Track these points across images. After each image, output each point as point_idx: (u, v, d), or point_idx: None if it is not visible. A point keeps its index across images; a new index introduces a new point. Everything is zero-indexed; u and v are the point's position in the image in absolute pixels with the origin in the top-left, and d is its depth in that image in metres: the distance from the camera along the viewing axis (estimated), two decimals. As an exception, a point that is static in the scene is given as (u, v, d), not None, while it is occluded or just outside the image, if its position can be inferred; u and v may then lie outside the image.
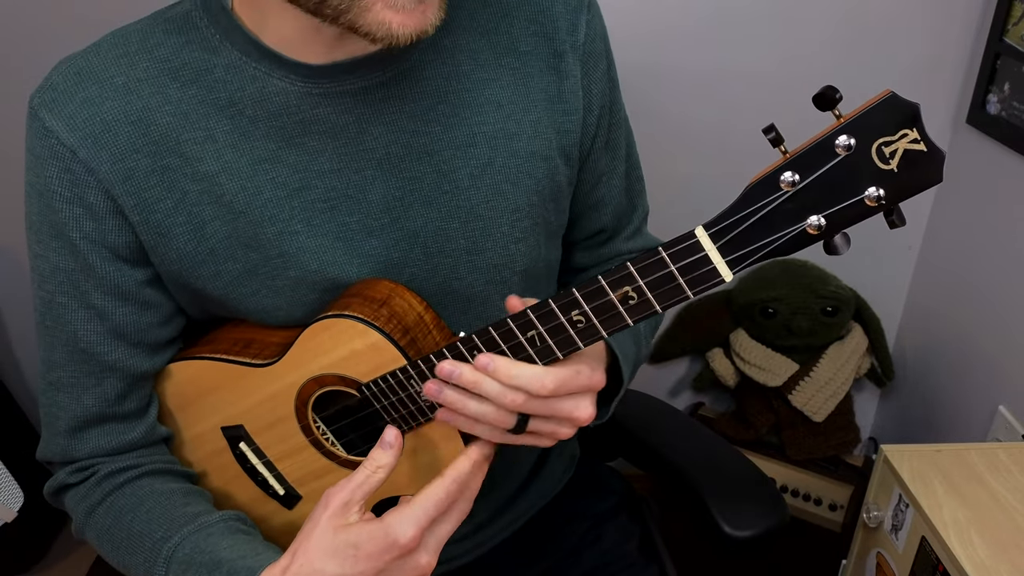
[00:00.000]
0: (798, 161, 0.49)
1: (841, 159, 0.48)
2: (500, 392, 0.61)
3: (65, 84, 0.67)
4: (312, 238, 0.70)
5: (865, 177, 0.48)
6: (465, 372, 0.62)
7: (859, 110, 0.48)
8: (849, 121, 0.48)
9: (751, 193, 0.51)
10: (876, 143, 0.48)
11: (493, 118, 0.72)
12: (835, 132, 0.48)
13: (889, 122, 0.47)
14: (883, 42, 1.40)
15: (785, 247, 0.51)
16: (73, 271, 0.70)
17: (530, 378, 0.61)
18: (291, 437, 0.76)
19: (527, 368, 0.61)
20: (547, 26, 0.73)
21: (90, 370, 0.73)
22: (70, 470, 0.76)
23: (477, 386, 0.62)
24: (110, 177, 0.66)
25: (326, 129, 0.68)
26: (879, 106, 0.47)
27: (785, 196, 0.50)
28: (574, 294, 0.57)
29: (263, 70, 0.66)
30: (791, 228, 0.51)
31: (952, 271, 1.50)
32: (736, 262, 0.53)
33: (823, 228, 0.50)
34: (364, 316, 0.67)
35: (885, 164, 0.48)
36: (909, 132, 0.47)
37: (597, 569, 0.93)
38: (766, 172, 0.50)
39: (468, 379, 0.62)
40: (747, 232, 0.51)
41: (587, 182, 0.82)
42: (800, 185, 0.49)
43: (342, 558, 0.62)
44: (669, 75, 1.44)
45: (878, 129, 0.47)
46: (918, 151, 0.47)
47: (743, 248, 0.52)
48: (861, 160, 0.48)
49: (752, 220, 0.51)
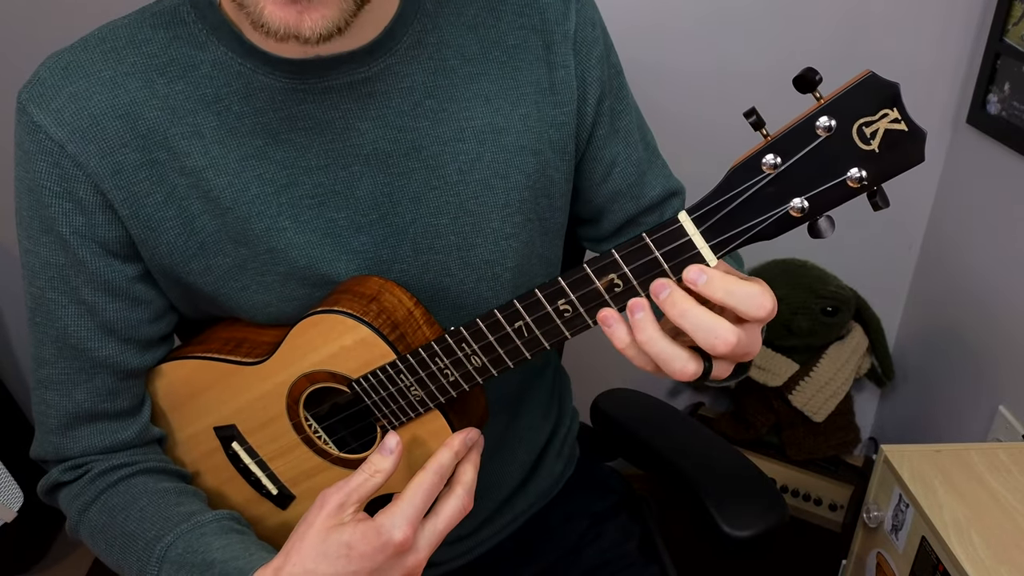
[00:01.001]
0: (779, 143, 0.49)
1: (822, 140, 0.48)
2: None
3: (53, 79, 0.67)
4: (300, 234, 0.70)
5: (847, 158, 0.48)
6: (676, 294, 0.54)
7: (839, 91, 0.48)
8: (829, 102, 0.48)
9: (733, 176, 0.51)
10: (857, 124, 0.47)
11: (481, 112, 0.72)
12: (815, 113, 0.48)
13: (869, 102, 0.47)
14: (883, 42, 1.41)
15: (769, 230, 0.51)
16: (63, 266, 0.70)
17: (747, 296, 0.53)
18: (283, 436, 0.76)
19: (743, 285, 0.53)
20: (535, 18, 0.73)
21: (80, 366, 0.73)
22: (63, 468, 0.76)
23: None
24: (99, 171, 0.67)
25: (312, 125, 0.68)
26: (859, 86, 0.47)
27: (767, 179, 0.50)
28: (560, 283, 0.57)
29: (248, 66, 0.67)
30: (774, 211, 0.50)
31: (952, 271, 1.49)
32: (720, 246, 0.52)
33: (806, 210, 0.50)
34: (353, 311, 0.67)
35: (866, 145, 0.48)
36: (889, 112, 0.47)
37: (598, 568, 0.92)
38: (747, 155, 0.50)
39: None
40: (730, 216, 0.51)
41: (598, 172, 0.80)
42: (782, 167, 0.49)
43: (335, 558, 0.62)
44: (668, 74, 1.44)
45: (858, 110, 0.47)
46: (899, 131, 0.47)
47: (727, 232, 0.52)
48: (842, 141, 0.48)
49: (735, 204, 0.51)
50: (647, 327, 0.55)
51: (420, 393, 0.67)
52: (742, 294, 0.52)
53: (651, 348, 0.55)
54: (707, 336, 0.53)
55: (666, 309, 0.54)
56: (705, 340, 0.53)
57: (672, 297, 0.53)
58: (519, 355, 0.62)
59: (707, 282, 0.53)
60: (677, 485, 0.96)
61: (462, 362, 0.64)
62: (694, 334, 0.53)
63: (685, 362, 0.55)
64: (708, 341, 0.53)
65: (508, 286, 0.77)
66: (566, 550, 0.94)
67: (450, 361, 0.64)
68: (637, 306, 0.55)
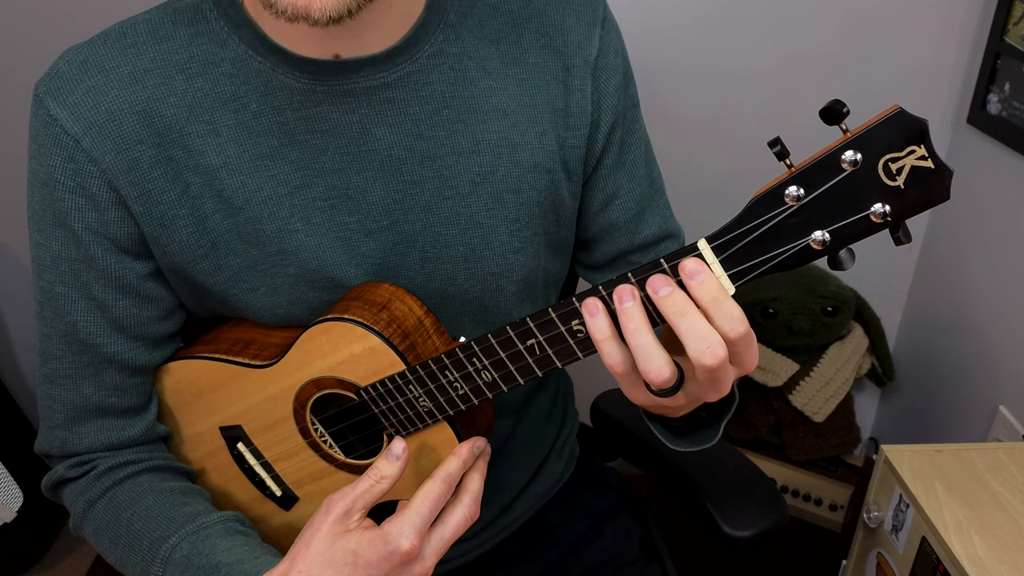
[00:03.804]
0: (803, 175, 0.49)
1: (847, 174, 0.48)
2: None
3: (71, 72, 0.66)
4: (311, 236, 0.69)
5: (871, 193, 0.48)
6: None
7: (866, 125, 0.47)
8: (856, 136, 0.47)
9: (755, 207, 0.50)
10: (883, 159, 0.47)
11: (498, 126, 0.71)
12: (842, 147, 0.47)
13: (897, 138, 0.46)
14: (883, 42, 1.40)
15: (788, 262, 0.51)
16: (74, 261, 0.69)
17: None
18: (289, 439, 0.76)
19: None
20: (557, 39, 0.72)
21: (88, 361, 0.73)
22: (69, 464, 0.76)
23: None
24: (113, 167, 0.66)
25: (329, 128, 0.68)
26: (887, 121, 0.46)
27: (790, 211, 0.49)
28: (574, 303, 0.57)
29: (268, 65, 0.66)
30: (795, 243, 0.50)
31: (952, 271, 1.49)
32: (738, 276, 0.52)
33: (827, 243, 0.49)
34: (363, 320, 0.67)
35: (892, 180, 0.47)
36: (917, 149, 0.46)
37: (599, 566, 0.93)
38: (771, 186, 0.50)
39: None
40: (750, 246, 0.51)
41: (597, 201, 0.80)
42: (805, 200, 0.49)
43: (341, 565, 0.62)
44: (669, 73, 1.43)
45: (886, 145, 0.47)
46: (925, 168, 0.47)
47: (746, 262, 0.52)
48: (867, 176, 0.47)
49: (755, 234, 0.50)
50: (636, 315, 0.54)
51: (429, 404, 0.67)
52: (727, 309, 0.51)
53: (637, 339, 0.54)
54: (699, 343, 0.52)
55: (665, 306, 0.53)
56: (696, 347, 0.52)
57: (674, 296, 0.52)
58: (530, 372, 0.62)
59: (703, 281, 0.52)
60: (677, 485, 0.96)
61: (472, 376, 0.64)
62: (686, 336, 0.52)
63: (664, 363, 0.53)
64: (698, 348, 0.52)
65: (513, 298, 0.77)
66: (567, 549, 0.94)
67: (460, 375, 0.64)
68: (626, 294, 0.54)
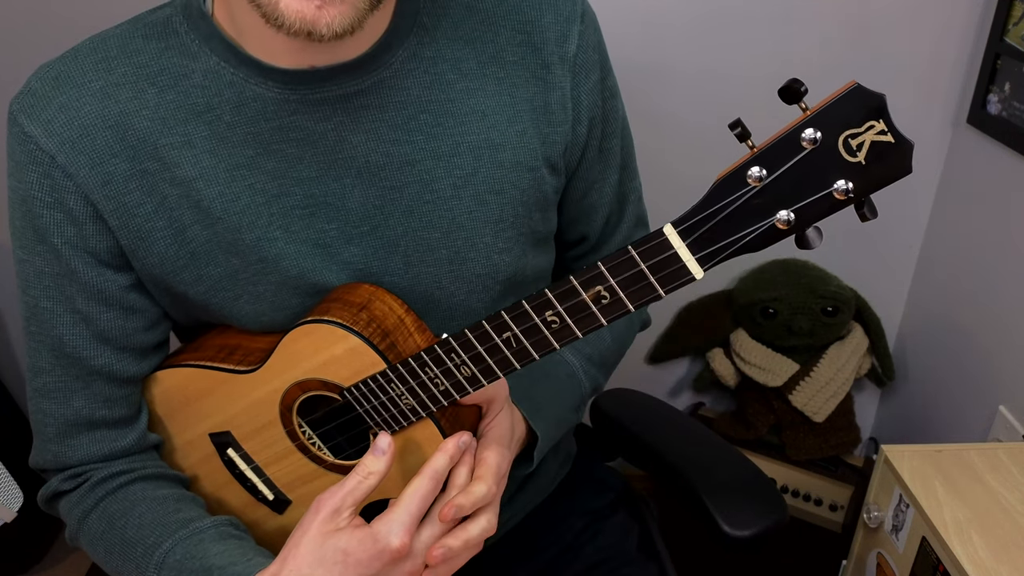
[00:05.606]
0: (765, 156, 0.49)
1: (808, 152, 0.48)
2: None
3: (43, 89, 0.67)
4: (290, 244, 0.70)
5: (833, 170, 0.48)
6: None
7: (824, 102, 0.47)
8: (815, 114, 0.47)
9: (718, 189, 0.50)
10: (843, 135, 0.47)
11: (477, 128, 0.71)
12: (801, 125, 0.48)
13: (855, 114, 0.47)
14: (883, 42, 1.40)
15: (755, 243, 0.51)
16: (57, 276, 0.70)
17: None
18: (277, 442, 0.76)
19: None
20: (534, 36, 0.72)
21: (77, 374, 0.73)
22: (63, 477, 0.76)
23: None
24: (89, 182, 0.67)
25: (304, 136, 0.68)
26: (844, 97, 0.47)
27: (753, 191, 0.50)
28: (547, 294, 0.57)
29: (240, 76, 0.67)
30: (760, 223, 0.50)
31: (952, 271, 1.49)
32: (706, 259, 0.52)
33: (792, 223, 0.50)
34: (343, 321, 0.67)
35: (852, 156, 0.47)
36: (876, 124, 0.47)
37: (597, 565, 0.92)
38: (733, 168, 0.50)
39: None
40: (716, 229, 0.51)
41: (577, 189, 0.81)
42: (767, 180, 0.49)
43: (331, 564, 0.62)
44: (665, 74, 1.43)
45: (844, 121, 0.47)
46: (886, 142, 0.47)
47: (712, 245, 0.52)
48: (828, 153, 0.48)
49: (720, 216, 0.51)
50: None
51: (411, 402, 0.67)
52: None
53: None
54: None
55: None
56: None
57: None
58: (508, 366, 0.62)
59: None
60: (677, 485, 0.96)
61: (452, 372, 0.64)
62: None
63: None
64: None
65: (500, 298, 0.77)
66: (564, 547, 0.94)
67: (440, 371, 0.64)
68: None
